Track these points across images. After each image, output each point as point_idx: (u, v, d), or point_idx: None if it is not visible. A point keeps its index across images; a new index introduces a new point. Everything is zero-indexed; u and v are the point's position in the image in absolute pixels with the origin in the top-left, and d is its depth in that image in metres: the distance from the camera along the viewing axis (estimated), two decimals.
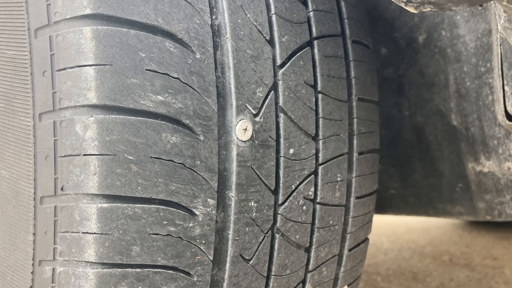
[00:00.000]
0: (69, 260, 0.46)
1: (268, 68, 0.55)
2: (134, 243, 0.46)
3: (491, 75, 0.73)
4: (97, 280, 0.46)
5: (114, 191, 0.45)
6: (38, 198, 0.49)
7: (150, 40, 0.47)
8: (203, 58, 0.50)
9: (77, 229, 0.46)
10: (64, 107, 0.46)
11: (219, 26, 0.52)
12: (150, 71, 0.47)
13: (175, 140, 0.48)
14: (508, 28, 0.41)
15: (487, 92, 0.74)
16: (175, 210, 0.48)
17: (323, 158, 0.62)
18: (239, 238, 0.54)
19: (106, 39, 0.45)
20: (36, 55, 0.48)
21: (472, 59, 0.75)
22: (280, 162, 0.57)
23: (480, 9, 0.73)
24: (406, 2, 0.40)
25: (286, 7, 0.58)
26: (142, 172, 0.46)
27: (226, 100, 0.52)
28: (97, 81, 0.45)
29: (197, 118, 0.49)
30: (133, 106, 0.46)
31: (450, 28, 0.77)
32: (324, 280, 0.67)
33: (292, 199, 0.59)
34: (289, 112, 0.57)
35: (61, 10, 0.46)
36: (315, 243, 0.63)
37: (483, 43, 0.73)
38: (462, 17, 0.76)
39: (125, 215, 0.46)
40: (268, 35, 0.56)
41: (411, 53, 0.84)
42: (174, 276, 0.49)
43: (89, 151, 0.45)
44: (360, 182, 0.70)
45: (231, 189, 0.53)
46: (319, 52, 0.62)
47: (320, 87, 0.62)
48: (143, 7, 0.47)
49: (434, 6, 0.39)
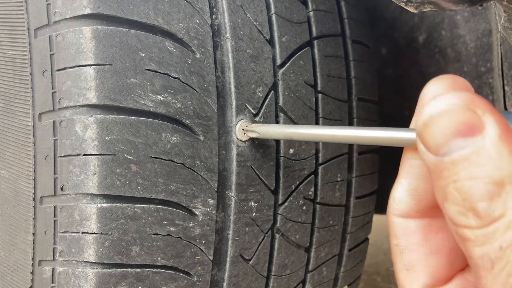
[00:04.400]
0: (69, 260, 0.46)
1: (268, 68, 0.55)
2: (134, 243, 0.46)
3: (491, 75, 0.73)
4: (97, 280, 0.46)
5: (114, 191, 0.45)
6: (38, 198, 0.49)
7: (150, 40, 0.47)
8: (203, 58, 0.50)
9: (77, 229, 0.46)
10: (64, 107, 0.46)
11: (219, 26, 0.52)
12: (150, 71, 0.47)
13: (175, 140, 0.48)
14: (508, 28, 0.41)
15: (487, 92, 0.74)
16: (175, 210, 0.48)
17: (323, 158, 0.62)
18: (239, 238, 0.54)
19: (106, 39, 0.45)
20: (36, 55, 0.48)
21: (472, 59, 0.75)
22: (280, 162, 0.57)
23: (480, 9, 0.73)
24: (406, 2, 0.40)
25: (286, 7, 0.58)
26: (142, 172, 0.46)
27: (226, 100, 0.52)
28: (97, 81, 0.45)
29: (197, 118, 0.49)
30: (133, 106, 0.46)
31: (450, 28, 0.77)
32: (324, 280, 0.67)
33: (292, 199, 0.59)
34: (289, 112, 0.57)
35: (61, 10, 0.46)
36: (315, 243, 0.63)
37: (483, 43, 0.73)
38: (462, 17, 0.75)
39: (125, 215, 0.46)
40: (268, 35, 0.56)
41: (411, 53, 0.84)
42: (174, 276, 0.49)
43: (89, 151, 0.45)
44: (360, 182, 0.70)
45: (231, 189, 0.52)
46: (319, 52, 0.62)
47: (320, 87, 0.62)
48: (143, 7, 0.47)
49: (434, 6, 0.39)
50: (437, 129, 0.21)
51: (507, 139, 0.20)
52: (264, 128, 0.49)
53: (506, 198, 0.19)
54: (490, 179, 0.19)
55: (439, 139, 0.21)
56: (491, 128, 0.20)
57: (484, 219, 0.19)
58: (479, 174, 0.19)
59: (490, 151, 0.19)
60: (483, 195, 0.19)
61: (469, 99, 0.20)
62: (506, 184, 0.19)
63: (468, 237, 0.20)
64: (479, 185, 0.19)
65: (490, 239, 0.19)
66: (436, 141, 0.21)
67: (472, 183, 0.20)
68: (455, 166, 0.20)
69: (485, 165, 0.19)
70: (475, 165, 0.20)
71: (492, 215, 0.19)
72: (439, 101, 0.21)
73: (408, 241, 0.26)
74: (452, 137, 0.20)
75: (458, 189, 0.20)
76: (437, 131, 0.21)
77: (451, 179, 0.20)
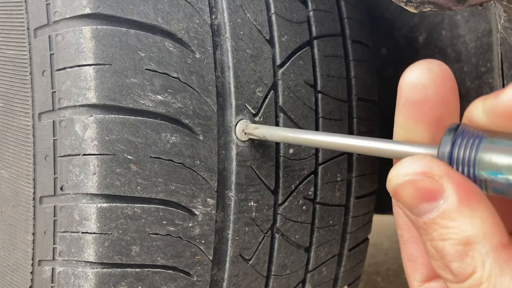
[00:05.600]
0: (69, 260, 0.46)
1: (267, 68, 0.55)
2: (134, 243, 0.46)
3: (491, 75, 0.73)
4: (97, 280, 0.46)
5: (113, 191, 0.45)
6: (38, 198, 0.49)
7: (149, 39, 0.47)
8: (202, 57, 0.50)
9: (77, 229, 0.46)
10: (63, 107, 0.46)
11: (218, 26, 0.52)
12: (149, 71, 0.47)
13: (175, 140, 0.48)
14: (508, 28, 0.41)
15: (487, 92, 0.74)
16: (174, 210, 0.48)
17: (323, 158, 0.62)
18: (239, 238, 0.54)
19: (105, 39, 0.45)
20: (35, 55, 0.48)
21: (472, 59, 0.75)
22: (280, 162, 0.57)
23: (480, 9, 0.73)
24: (406, 2, 0.40)
25: (286, 7, 0.58)
26: (142, 171, 0.46)
27: (225, 99, 0.52)
28: (97, 81, 0.45)
29: (196, 118, 0.49)
30: (132, 106, 0.46)
31: (450, 28, 0.77)
32: (324, 280, 0.67)
33: (292, 199, 0.58)
34: (289, 112, 0.57)
35: (61, 10, 0.46)
36: (315, 243, 0.63)
37: (483, 43, 0.73)
38: (462, 17, 0.75)
39: (125, 215, 0.46)
40: (267, 34, 0.56)
41: (411, 53, 0.84)
42: (173, 276, 0.49)
43: (89, 151, 0.45)
44: (360, 182, 0.70)
45: (231, 189, 0.52)
46: (319, 51, 0.62)
47: (320, 86, 0.61)
48: (143, 6, 0.47)
49: (434, 6, 0.39)
50: (405, 195, 0.23)
51: (466, 200, 0.21)
52: (261, 130, 0.49)
53: (474, 256, 0.21)
54: (457, 240, 0.21)
55: (410, 203, 0.23)
56: (450, 192, 0.21)
57: (458, 276, 0.21)
58: (447, 236, 0.21)
59: (452, 214, 0.21)
60: (453, 255, 0.21)
61: (428, 165, 0.22)
62: (472, 243, 0.21)
63: (451, 287, 0.22)
64: (449, 246, 0.21)
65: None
66: (408, 204, 0.23)
67: (443, 243, 0.22)
68: (427, 227, 0.22)
69: (451, 227, 0.21)
70: (442, 227, 0.21)
71: (464, 273, 0.21)
72: (400, 168, 0.23)
73: (409, 233, 0.28)
74: (419, 202, 0.22)
75: (434, 247, 0.22)
76: (406, 197, 0.23)
77: (427, 237, 0.22)
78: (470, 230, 0.21)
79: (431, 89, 0.24)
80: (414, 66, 0.25)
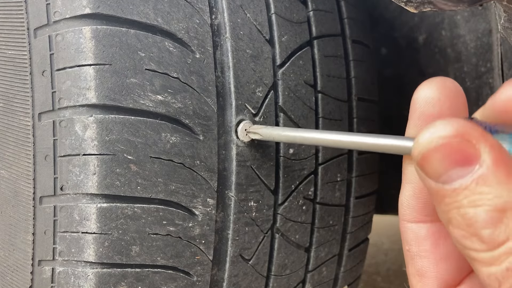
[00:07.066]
0: (69, 260, 0.46)
1: (267, 68, 0.55)
2: (134, 243, 0.46)
3: (491, 75, 0.73)
4: (97, 280, 0.45)
5: (113, 191, 0.45)
6: (38, 198, 0.49)
7: (149, 39, 0.47)
8: (202, 57, 0.50)
9: (77, 229, 0.46)
10: (63, 107, 0.46)
11: (218, 26, 0.52)
12: (149, 71, 0.47)
13: (175, 140, 0.48)
14: (508, 28, 0.41)
15: (487, 92, 0.74)
16: (174, 210, 0.48)
17: (323, 158, 0.62)
18: (239, 238, 0.54)
19: (105, 39, 0.45)
20: (35, 55, 0.48)
21: (472, 59, 0.75)
22: (280, 162, 0.57)
23: (480, 9, 0.73)
24: (406, 2, 0.40)
25: (286, 7, 0.58)
26: (142, 172, 0.46)
27: (225, 99, 0.52)
28: (97, 81, 0.45)
29: (196, 118, 0.49)
30: (132, 106, 0.46)
31: (450, 28, 0.77)
32: (324, 280, 0.67)
33: (292, 199, 0.58)
34: (289, 112, 0.57)
35: (61, 10, 0.46)
36: (315, 243, 0.63)
37: (483, 43, 0.73)
38: (462, 17, 0.75)
39: (125, 215, 0.46)
40: (267, 34, 0.56)
41: (411, 53, 0.84)
42: (173, 276, 0.49)
43: (89, 151, 0.45)
44: (360, 182, 0.70)
45: (231, 189, 0.52)
46: (319, 51, 0.62)
47: (320, 86, 0.61)
48: (143, 6, 0.47)
49: (434, 6, 0.39)
50: (435, 160, 0.21)
51: (503, 166, 0.20)
52: (266, 130, 0.49)
53: (508, 223, 0.20)
54: (491, 207, 0.20)
55: (438, 169, 0.21)
56: (487, 156, 0.20)
57: (489, 244, 0.20)
58: (480, 202, 0.20)
59: (488, 179, 0.20)
60: (486, 222, 0.20)
61: (463, 127, 0.21)
62: (507, 211, 0.20)
63: (474, 258, 0.21)
64: (482, 213, 0.20)
65: (496, 261, 0.20)
66: (435, 171, 0.22)
67: (474, 210, 0.20)
68: (457, 194, 0.21)
69: (485, 193, 0.20)
70: (476, 193, 0.20)
71: (496, 240, 0.20)
72: (434, 131, 0.21)
73: (418, 247, 0.27)
74: (450, 167, 0.21)
75: (461, 216, 0.21)
76: (435, 162, 0.21)
77: (454, 205, 0.21)
78: (506, 196, 0.20)
79: (446, 104, 0.24)
80: (429, 82, 0.25)
